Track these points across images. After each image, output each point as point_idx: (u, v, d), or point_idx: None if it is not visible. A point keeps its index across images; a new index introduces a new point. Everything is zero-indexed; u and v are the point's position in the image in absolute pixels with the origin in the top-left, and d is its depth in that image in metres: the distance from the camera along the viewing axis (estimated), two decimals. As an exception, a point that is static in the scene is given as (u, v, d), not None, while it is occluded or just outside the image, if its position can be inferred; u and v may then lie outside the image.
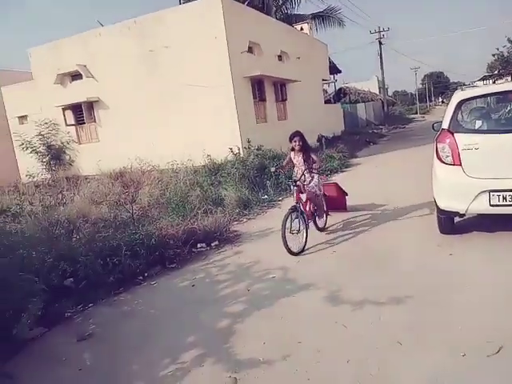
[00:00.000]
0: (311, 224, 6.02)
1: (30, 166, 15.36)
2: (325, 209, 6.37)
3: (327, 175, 11.98)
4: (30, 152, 15.31)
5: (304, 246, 5.56)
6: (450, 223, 5.38)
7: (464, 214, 5.18)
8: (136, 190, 10.16)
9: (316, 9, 25.92)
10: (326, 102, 26.66)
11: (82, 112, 15.50)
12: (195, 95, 12.96)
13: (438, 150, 5.17)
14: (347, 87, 36.57)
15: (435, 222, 5.53)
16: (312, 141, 17.62)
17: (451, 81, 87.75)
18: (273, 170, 6.67)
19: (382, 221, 6.54)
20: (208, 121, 12.94)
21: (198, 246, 6.29)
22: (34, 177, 14.53)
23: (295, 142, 5.91)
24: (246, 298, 4.39)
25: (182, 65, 13.17)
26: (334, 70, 27.56)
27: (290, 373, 3.02)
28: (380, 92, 39.88)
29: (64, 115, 15.78)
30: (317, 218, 6.20)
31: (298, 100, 17.44)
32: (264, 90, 15.11)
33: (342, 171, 12.71)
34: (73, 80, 15.69)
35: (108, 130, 15.23)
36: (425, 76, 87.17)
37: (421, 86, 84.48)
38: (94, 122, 15.57)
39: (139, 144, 13.91)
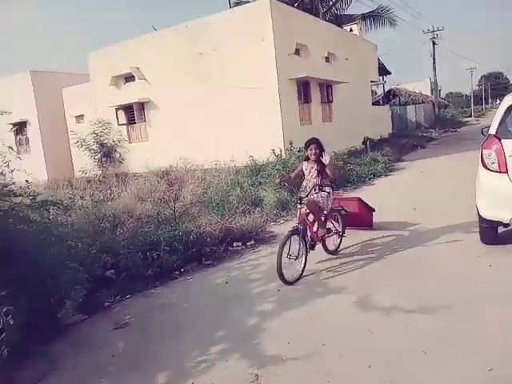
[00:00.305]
0: (319, 246, 5.34)
1: (84, 163, 16.27)
2: (339, 229, 5.59)
3: (370, 179, 11.81)
4: (84, 149, 16.18)
5: (301, 274, 4.87)
6: (493, 233, 5.15)
7: (508, 224, 4.95)
8: (179, 188, 10.49)
9: (367, 9, 25.41)
10: (374, 104, 26.13)
11: (133, 112, 16.21)
12: (241, 96, 13.18)
13: (484, 156, 4.97)
14: (397, 89, 35.59)
15: (476, 240, 5.31)
16: (357, 143, 17.40)
17: (511, 82, 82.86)
18: (277, 181, 5.58)
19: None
20: (252, 122, 13.12)
21: (234, 244, 6.44)
22: (86, 173, 15.39)
23: (311, 150, 5.19)
24: (276, 298, 4.46)
25: (230, 67, 13.45)
26: (383, 71, 26.93)
27: (310, 373, 3.05)
28: (432, 93, 38.41)
29: (116, 115, 16.55)
30: (326, 240, 5.41)
31: (344, 101, 17.24)
32: (309, 92, 15.09)
33: (386, 175, 12.46)
34: (126, 82, 16.45)
35: (157, 129, 15.82)
36: (481, 77, 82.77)
37: (477, 88, 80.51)
38: (144, 121, 16.22)
39: (186, 144, 14.35)
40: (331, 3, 24.16)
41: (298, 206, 5.02)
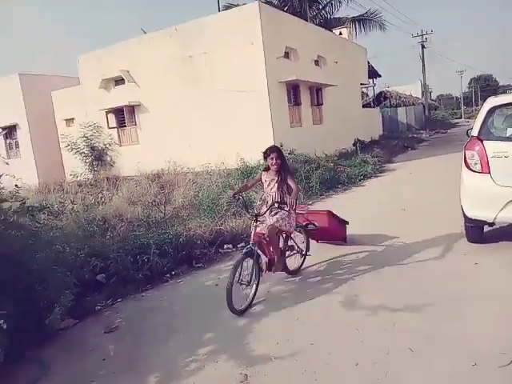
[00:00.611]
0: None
1: (75, 166, 16.21)
2: (302, 248, 5.12)
3: (360, 180, 11.92)
4: (75, 153, 16.14)
5: (251, 303, 4.33)
6: (479, 232, 5.26)
7: (493, 223, 5.05)
8: (170, 191, 10.51)
9: (356, 13, 25.54)
10: (365, 106, 26.38)
11: (123, 115, 16.19)
12: (231, 99, 13.24)
13: (467, 157, 5.08)
14: (388, 91, 35.91)
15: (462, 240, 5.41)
16: (348, 145, 17.54)
17: (500, 84, 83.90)
18: (230, 194, 4.85)
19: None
20: (243, 124, 13.17)
21: (225, 247, 6.48)
22: (77, 176, 15.34)
23: (272, 159, 4.60)
24: (265, 300, 4.50)
25: (220, 70, 13.51)
26: (373, 74, 27.17)
27: (298, 372, 3.10)
28: (422, 96, 38.78)
29: (107, 118, 16.51)
30: (287, 259, 4.93)
31: (334, 104, 17.38)
32: (299, 95, 15.19)
33: (377, 176, 12.61)
34: (116, 85, 16.41)
35: (148, 132, 15.81)
36: (471, 79, 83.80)
37: (467, 90, 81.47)
38: (135, 125, 16.20)
39: (177, 146, 14.37)
40: (321, 7, 24.38)
41: (253, 224, 4.45)
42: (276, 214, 4.54)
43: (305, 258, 5.25)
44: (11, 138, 20.18)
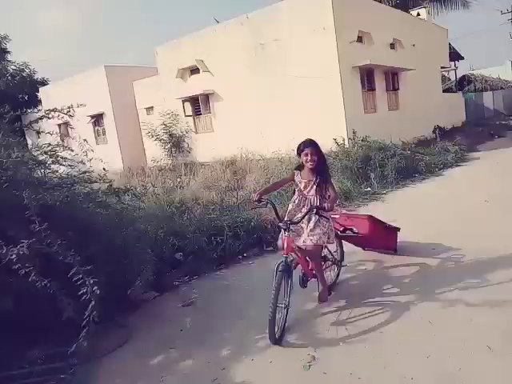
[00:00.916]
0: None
1: (155, 152, 17.18)
2: (336, 257, 4.49)
3: (440, 169, 11.33)
4: (155, 140, 17.10)
5: (284, 327, 3.60)
6: None
7: None
8: (243, 177, 10.79)
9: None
10: (446, 91, 24.77)
11: (198, 104, 16.77)
12: (303, 86, 13.16)
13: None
14: (472, 74, 33.30)
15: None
16: (427, 132, 16.68)
17: None
18: (254, 197, 3.79)
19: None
20: (314, 111, 13.07)
21: (295, 232, 6.55)
22: (157, 162, 16.26)
23: (306, 155, 3.81)
24: (335, 287, 4.51)
25: (291, 56, 13.46)
26: (455, 56, 25.33)
27: (367, 359, 3.11)
28: (513, 78, 35.46)
29: (183, 107, 17.22)
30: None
31: (411, 89, 16.55)
32: (373, 80, 14.70)
33: (458, 165, 11.89)
34: (192, 74, 17.01)
35: (221, 120, 16.26)
36: None
37: None
38: (210, 113, 16.72)
39: (249, 134, 14.64)
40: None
41: (284, 234, 3.64)
42: (315, 226, 3.77)
43: (340, 270, 4.58)
44: (99, 125, 21.78)
